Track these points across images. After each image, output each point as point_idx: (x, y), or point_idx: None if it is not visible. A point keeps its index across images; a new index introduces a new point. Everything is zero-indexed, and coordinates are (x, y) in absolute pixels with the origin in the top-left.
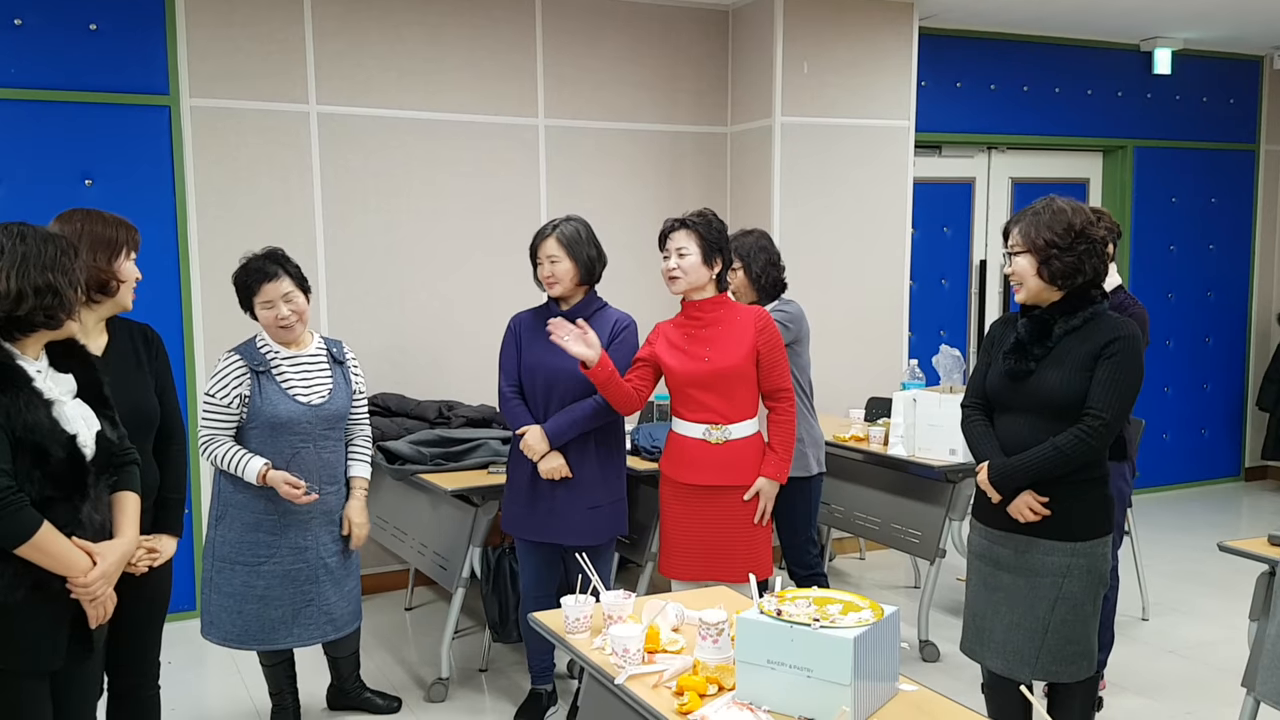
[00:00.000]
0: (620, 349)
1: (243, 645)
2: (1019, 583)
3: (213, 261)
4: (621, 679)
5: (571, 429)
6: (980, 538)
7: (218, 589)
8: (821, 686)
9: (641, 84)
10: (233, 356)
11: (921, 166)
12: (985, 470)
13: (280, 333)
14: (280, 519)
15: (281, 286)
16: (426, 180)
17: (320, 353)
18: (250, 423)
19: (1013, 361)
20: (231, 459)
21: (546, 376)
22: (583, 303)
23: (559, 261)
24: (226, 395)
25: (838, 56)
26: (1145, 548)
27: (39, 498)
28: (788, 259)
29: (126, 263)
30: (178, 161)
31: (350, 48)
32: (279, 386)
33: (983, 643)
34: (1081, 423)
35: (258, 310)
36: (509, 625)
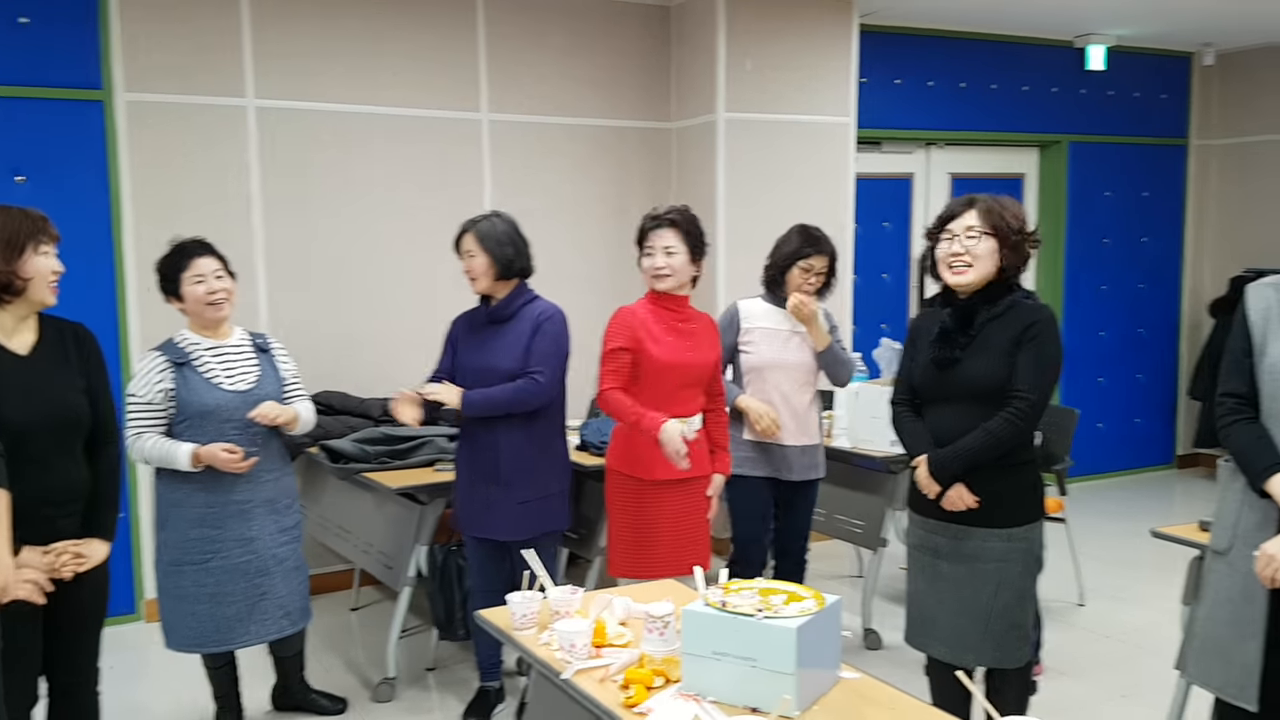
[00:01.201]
0: (541, 340)
1: (203, 649)
2: (960, 571)
3: (149, 259)
4: (568, 674)
5: (487, 403)
6: (918, 529)
7: (170, 594)
8: (766, 676)
9: (585, 79)
10: (153, 354)
11: (862, 162)
12: (923, 464)
13: (208, 310)
14: (220, 511)
15: (211, 263)
16: (368, 175)
17: (244, 343)
18: (179, 417)
19: (938, 350)
20: (160, 449)
21: (476, 375)
22: (509, 298)
23: (475, 256)
24: (149, 392)
25: (779, 53)
26: (1081, 534)
27: None
28: (733, 253)
29: (35, 258)
30: (112, 157)
31: (289, 41)
32: (202, 377)
33: (928, 632)
34: (1009, 406)
35: (186, 287)
36: (455, 623)
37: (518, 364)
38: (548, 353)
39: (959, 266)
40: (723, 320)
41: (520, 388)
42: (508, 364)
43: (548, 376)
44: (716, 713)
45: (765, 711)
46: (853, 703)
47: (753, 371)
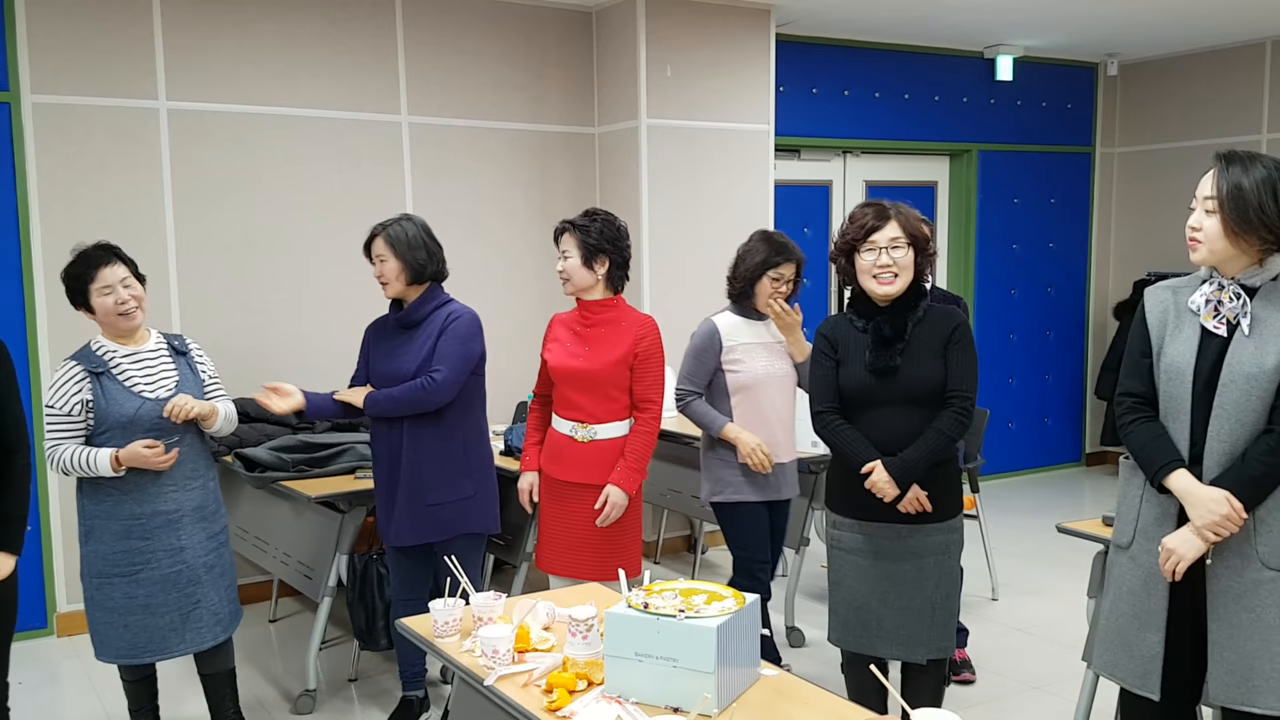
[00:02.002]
0: (446, 340)
1: (135, 659)
2: (905, 568)
3: (58, 264)
4: (491, 680)
5: (389, 405)
6: (852, 533)
7: (99, 606)
8: (687, 675)
9: (508, 83)
10: (69, 363)
11: (782, 169)
12: (878, 469)
13: (120, 320)
14: (148, 522)
15: (118, 272)
16: (284, 177)
17: (160, 347)
18: (99, 427)
19: (875, 358)
20: (79, 458)
21: (386, 381)
22: (419, 302)
23: (386, 260)
24: (66, 403)
25: (699, 61)
26: (993, 531)
27: None
28: (657, 257)
29: None
30: (19, 160)
31: (200, 42)
32: (121, 385)
33: (870, 633)
34: (951, 405)
35: (95, 299)
36: (377, 632)
37: (423, 367)
38: (450, 351)
39: (885, 277)
40: (701, 340)
41: (416, 385)
42: (414, 367)
43: (445, 375)
44: (639, 713)
45: (686, 711)
46: (772, 700)
47: (743, 390)
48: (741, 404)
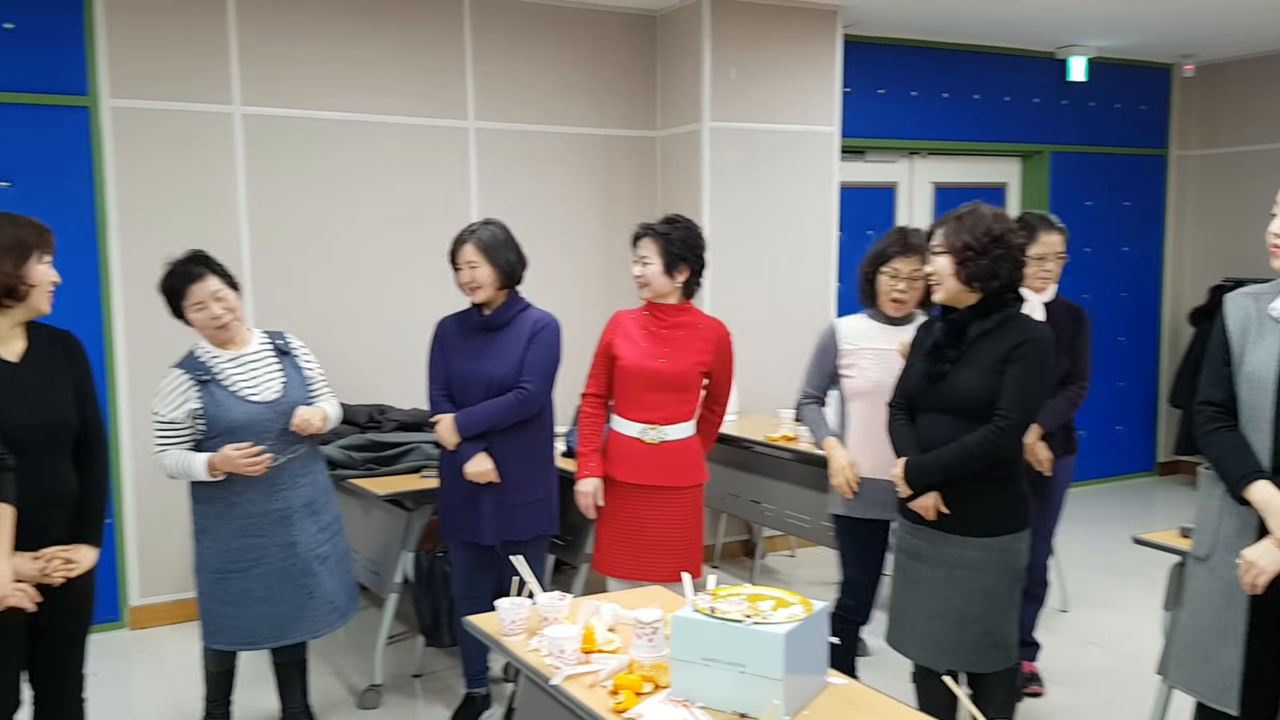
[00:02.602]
0: (537, 349)
1: (255, 645)
2: (936, 575)
3: (135, 265)
4: (558, 679)
5: (483, 422)
6: (902, 531)
7: (216, 599)
8: (754, 681)
9: (571, 87)
10: (175, 372)
11: (846, 171)
12: (900, 466)
13: (217, 333)
14: (261, 520)
15: (209, 285)
16: (355, 182)
17: (264, 348)
18: (210, 433)
19: (929, 363)
20: (181, 463)
21: (472, 383)
22: (504, 306)
23: (478, 266)
24: (174, 411)
25: (764, 62)
26: (1063, 541)
27: None
28: (717, 261)
29: (39, 266)
30: (98, 163)
31: (276, 48)
32: (228, 391)
33: (903, 633)
34: (990, 423)
35: (190, 314)
36: (442, 630)
37: (512, 372)
38: (541, 363)
39: (935, 284)
40: (820, 341)
41: (511, 403)
42: (502, 372)
43: (538, 386)
44: (705, 718)
45: (754, 716)
46: (840, 709)
47: (860, 396)
48: (858, 411)
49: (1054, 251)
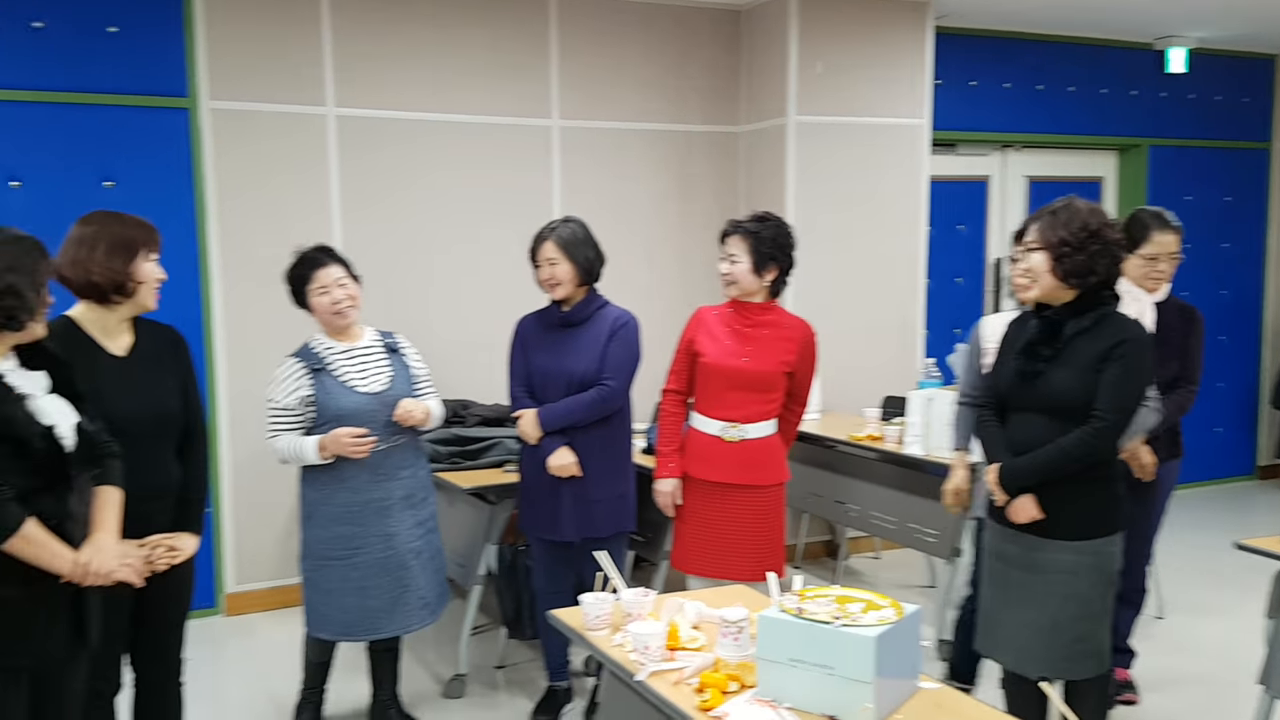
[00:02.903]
0: (617, 346)
1: (349, 637)
2: (1028, 580)
3: (232, 262)
4: (642, 675)
5: (565, 418)
6: (992, 535)
7: (317, 587)
8: (843, 684)
9: (654, 83)
10: (291, 360)
11: (937, 164)
12: (994, 471)
13: (336, 319)
14: (362, 509)
15: (333, 272)
16: (441, 181)
17: (375, 344)
18: (319, 420)
19: (1023, 361)
20: (293, 447)
21: (552, 379)
22: (583, 303)
23: (558, 264)
24: (288, 398)
25: (853, 55)
26: (1160, 547)
27: (25, 489)
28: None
29: (145, 264)
30: (197, 163)
31: (368, 50)
32: (337, 381)
33: (994, 639)
34: (1087, 424)
35: (313, 298)
36: (524, 622)
37: (593, 368)
38: (622, 360)
39: (1029, 281)
40: (970, 339)
41: (594, 400)
42: (582, 368)
43: (620, 383)
44: (792, 719)
45: (842, 719)
46: (931, 713)
47: None
48: None
49: (1167, 251)
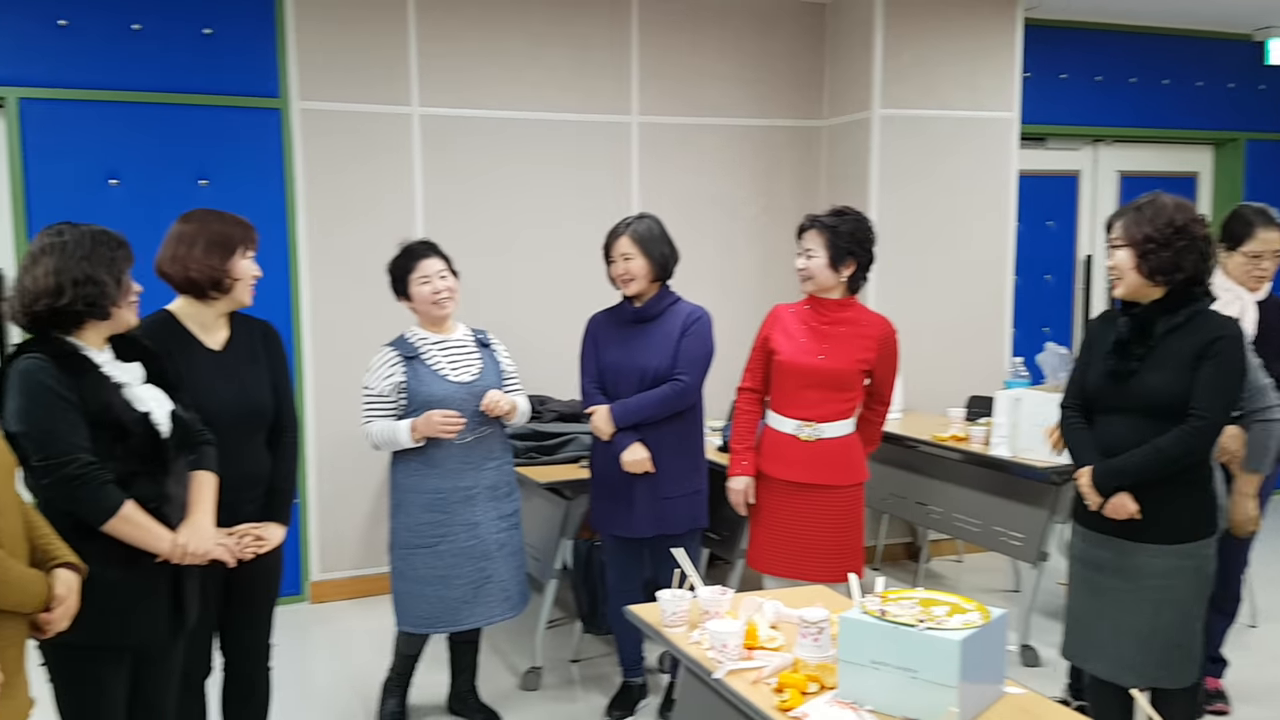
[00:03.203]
0: (690, 341)
1: (433, 628)
2: (1123, 587)
3: (320, 259)
4: (720, 673)
5: (639, 413)
6: (1081, 541)
7: (403, 576)
8: (927, 688)
9: (736, 78)
10: (386, 349)
11: (1025, 159)
12: (1086, 475)
13: (434, 309)
14: (448, 496)
15: (435, 264)
16: (521, 178)
17: (466, 338)
18: (410, 407)
19: (1114, 362)
20: (386, 432)
21: (624, 375)
22: (656, 299)
23: (633, 259)
24: (382, 384)
25: (939, 47)
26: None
27: (124, 473)
28: (885, 254)
29: (242, 261)
30: (288, 162)
31: (451, 50)
32: (430, 369)
33: (1087, 648)
34: (1184, 424)
35: (414, 287)
36: (598, 617)
37: (666, 363)
38: (695, 355)
39: (1115, 279)
40: None
41: (667, 395)
42: (656, 363)
43: (693, 378)
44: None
45: None
46: (1017, 718)
47: None
48: None
49: (1271, 249)
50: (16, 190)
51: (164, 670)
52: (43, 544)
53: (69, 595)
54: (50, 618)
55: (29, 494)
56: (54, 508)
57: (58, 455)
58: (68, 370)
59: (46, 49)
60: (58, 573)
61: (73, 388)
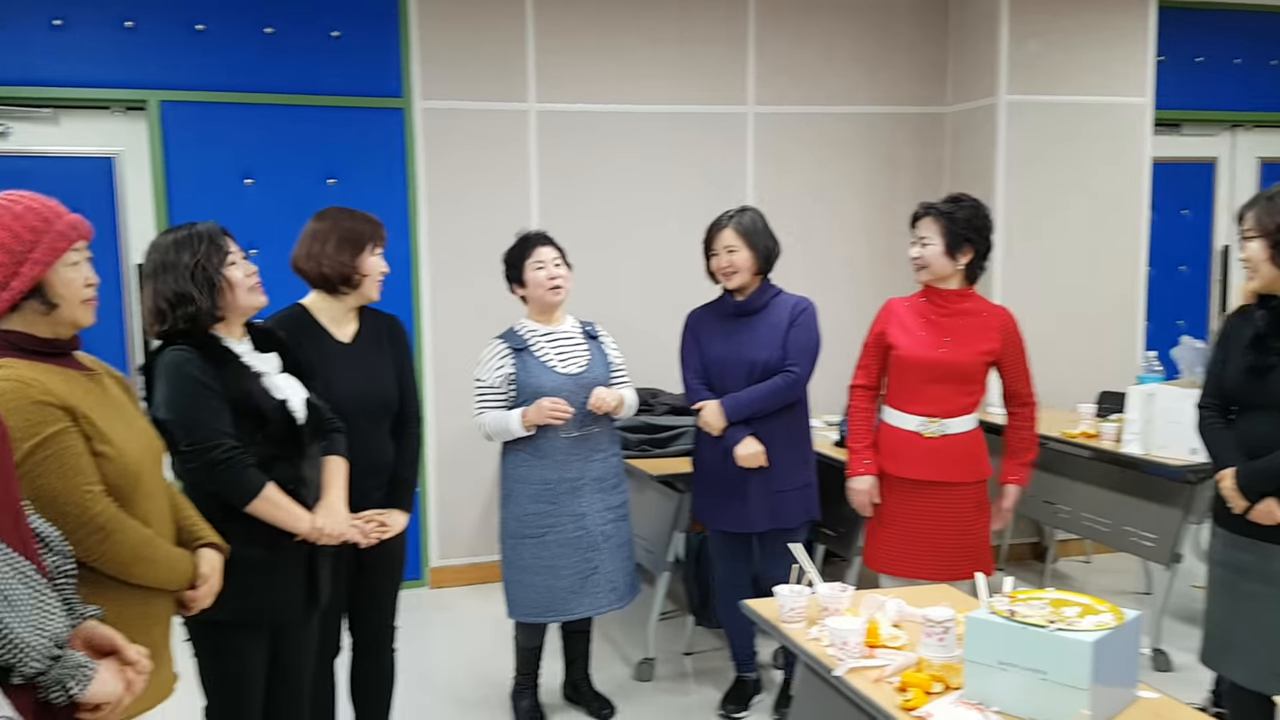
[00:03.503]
0: (799, 332)
1: (541, 618)
2: (1265, 591)
3: (439, 254)
4: (841, 671)
5: (750, 406)
6: (1221, 544)
7: (512, 565)
8: (1057, 690)
9: (855, 66)
10: (496, 342)
11: (1159, 146)
12: (1230, 477)
13: (547, 295)
14: (555, 487)
15: (550, 252)
16: (635, 171)
17: (575, 330)
18: (520, 397)
19: (1252, 357)
20: (498, 421)
21: (731, 369)
22: (758, 291)
23: (737, 251)
24: (492, 376)
25: (1068, 31)
26: None
27: (264, 457)
28: (1011, 244)
29: (371, 258)
30: (410, 160)
31: (568, 45)
32: (539, 361)
33: (1226, 653)
34: None
35: (529, 273)
36: (711, 610)
37: (775, 355)
38: (804, 346)
39: (1250, 272)
40: None
41: (779, 388)
42: (765, 355)
43: (804, 370)
44: None
45: None
46: None
47: None
48: None
49: None
50: (158, 190)
51: (300, 645)
52: (187, 525)
53: (213, 574)
54: (195, 595)
55: (175, 478)
56: (200, 490)
57: (203, 441)
58: (211, 360)
59: (185, 53)
60: (202, 552)
61: (216, 377)
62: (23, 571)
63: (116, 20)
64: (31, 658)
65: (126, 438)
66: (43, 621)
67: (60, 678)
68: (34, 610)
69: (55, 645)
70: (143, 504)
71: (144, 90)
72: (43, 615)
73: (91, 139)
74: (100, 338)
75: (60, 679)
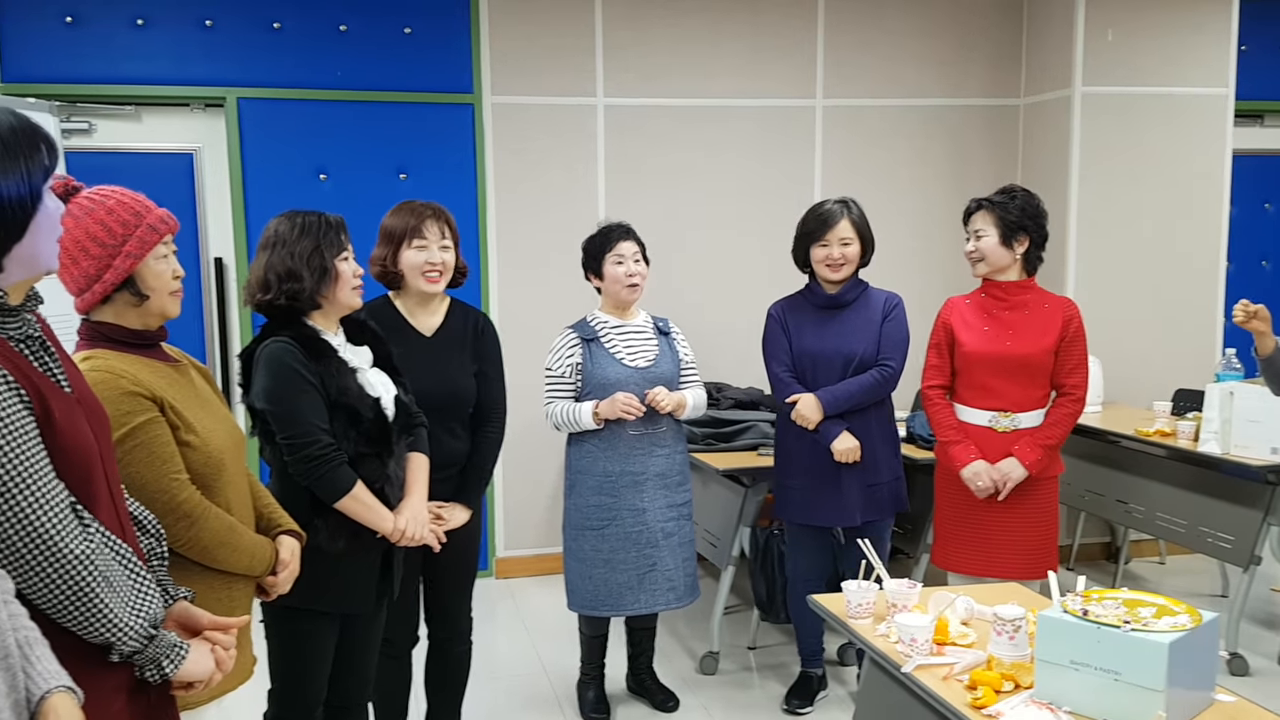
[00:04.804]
0: (892, 326)
1: (596, 610)
2: None
3: (507, 248)
4: (909, 667)
5: (848, 400)
6: None
7: (573, 555)
8: (1131, 691)
9: (926, 57)
10: (567, 331)
11: (1241, 137)
12: None
13: (624, 291)
14: (617, 480)
15: (631, 246)
16: (703, 165)
17: (646, 325)
18: (585, 388)
19: None
20: (567, 412)
21: (825, 362)
22: (851, 285)
23: (851, 244)
24: (562, 365)
25: (1146, 20)
26: None
27: (354, 454)
28: (1086, 238)
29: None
30: (479, 155)
31: (635, 39)
32: (607, 352)
33: None
34: None
35: (608, 266)
36: (776, 605)
37: (871, 349)
38: (897, 340)
39: None
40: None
41: (876, 381)
42: (862, 349)
43: (899, 364)
44: None
45: None
46: None
47: None
48: None
49: None
50: (236, 185)
51: (368, 633)
52: (267, 512)
53: (291, 560)
54: (275, 581)
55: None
56: (292, 480)
57: (301, 435)
58: (312, 354)
59: (262, 51)
60: (282, 539)
61: (315, 371)
62: (121, 554)
63: (196, 19)
64: (130, 637)
65: (210, 427)
66: (139, 602)
67: (155, 656)
68: (131, 591)
69: (151, 625)
70: (225, 492)
71: (222, 87)
72: (139, 596)
73: (172, 135)
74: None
75: (155, 658)
